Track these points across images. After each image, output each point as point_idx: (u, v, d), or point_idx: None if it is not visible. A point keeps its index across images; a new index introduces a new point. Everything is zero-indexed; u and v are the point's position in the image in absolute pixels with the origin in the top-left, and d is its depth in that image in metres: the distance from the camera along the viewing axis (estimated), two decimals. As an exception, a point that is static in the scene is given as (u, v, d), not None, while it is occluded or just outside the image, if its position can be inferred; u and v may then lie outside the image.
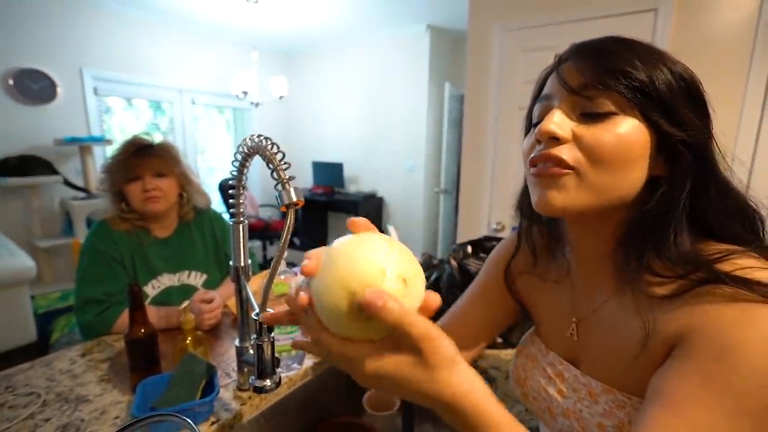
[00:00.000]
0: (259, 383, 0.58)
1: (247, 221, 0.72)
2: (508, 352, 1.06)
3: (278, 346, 0.85)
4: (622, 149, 0.40)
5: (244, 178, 0.70)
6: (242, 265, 0.73)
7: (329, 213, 4.98)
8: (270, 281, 0.55)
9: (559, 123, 0.41)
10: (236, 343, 0.78)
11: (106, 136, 3.13)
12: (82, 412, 0.71)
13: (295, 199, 0.51)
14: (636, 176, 0.41)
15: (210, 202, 1.31)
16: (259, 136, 0.58)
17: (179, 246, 1.20)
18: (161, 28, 3.56)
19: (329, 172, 4.57)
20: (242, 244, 0.73)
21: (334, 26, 3.86)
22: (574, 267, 0.53)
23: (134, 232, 1.12)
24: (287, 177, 0.52)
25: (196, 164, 4.12)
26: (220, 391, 0.78)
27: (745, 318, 0.34)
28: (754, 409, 0.33)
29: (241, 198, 0.71)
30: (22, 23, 2.72)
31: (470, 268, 0.91)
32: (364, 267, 0.31)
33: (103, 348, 0.94)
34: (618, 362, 0.44)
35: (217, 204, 3.85)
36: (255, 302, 0.68)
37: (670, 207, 0.40)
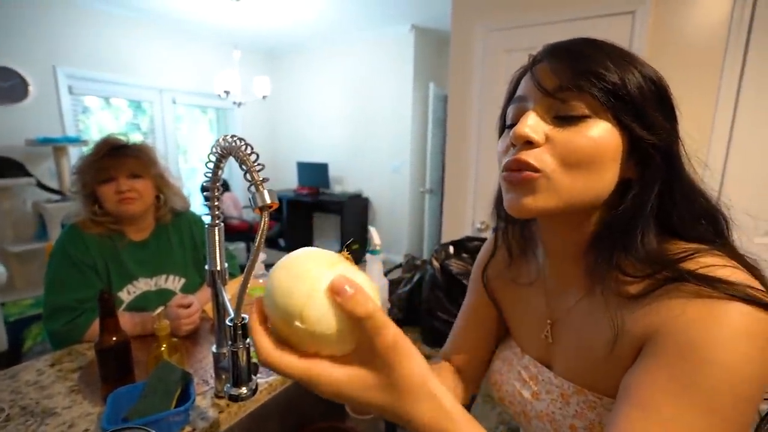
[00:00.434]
0: (234, 391, 0.56)
1: (223, 224, 0.70)
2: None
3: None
4: (595, 153, 0.40)
5: (221, 179, 0.68)
6: (218, 269, 0.71)
7: (314, 214, 4.95)
8: (244, 286, 0.53)
9: (533, 126, 0.41)
10: (213, 349, 0.76)
11: (82, 137, 3.03)
12: (48, 426, 0.68)
13: (269, 201, 0.50)
14: (608, 179, 0.41)
15: (189, 205, 1.28)
16: (232, 137, 0.56)
17: (156, 249, 1.16)
18: (139, 25, 3.47)
19: (314, 173, 4.53)
20: (218, 248, 0.70)
21: (318, 26, 3.84)
22: (547, 268, 0.53)
23: (108, 236, 1.08)
24: (261, 178, 0.51)
25: (178, 165, 4.04)
26: (197, 399, 0.76)
27: (708, 315, 0.34)
28: (722, 406, 0.33)
29: (217, 200, 0.68)
30: (-10, 19, 2.62)
31: (452, 268, 0.90)
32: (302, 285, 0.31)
33: (74, 357, 0.90)
34: (589, 363, 0.44)
35: (199, 206, 3.77)
36: (230, 307, 0.66)
37: (640, 209, 0.41)
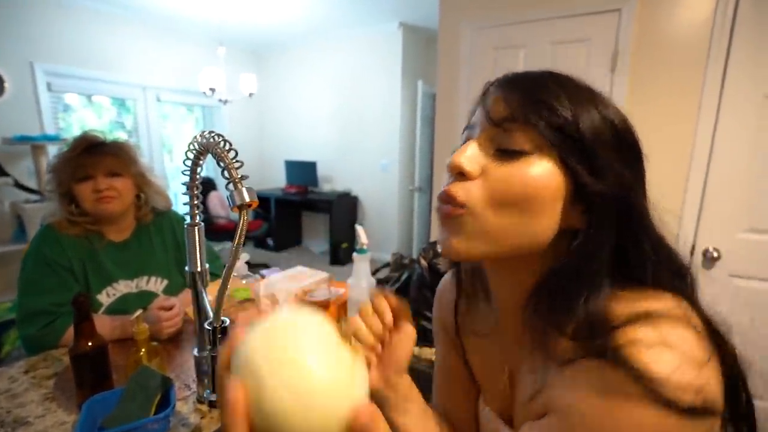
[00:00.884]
0: (214, 397, 0.54)
1: (203, 223, 0.68)
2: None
3: (242, 354, 0.81)
4: (529, 193, 0.36)
5: (200, 177, 0.66)
6: (198, 270, 0.68)
7: (303, 213, 4.91)
8: (223, 288, 0.51)
9: (469, 157, 0.38)
10: (195, 352, 0.74)
11: (62, 135, 2.95)
12: (20, 435, 0.65)
13: (247, 199, 0.48)
14: (543, 225, 0.37)
15: (171, 204, 1.25)
16: (210, 133, 0.54)
17: (137, 250, 1.13)
18: (121, 21, 3.39)
19: (303, 172, 4.49)
20: (198, 248, 0.68)
21: (305, 23, 3.79)
22: (500, 316, 0.49)
23: (85, 237, 1.04)
24: (239, 176, 0.49)
25: (163, 164, 3.96)
26: (179, 405, 0.74)
27: (607, 415, 0.31)
28: None
29: (196, 198, 0.66)
30: (-37, 13, 2.53)
31: (440, 267, 0.89)
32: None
33: (49, 363, 0.86)
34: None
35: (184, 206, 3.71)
36: (210, 310, 0.64)
37: (585, 263, 0.36)
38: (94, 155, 1.02)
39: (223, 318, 0.57)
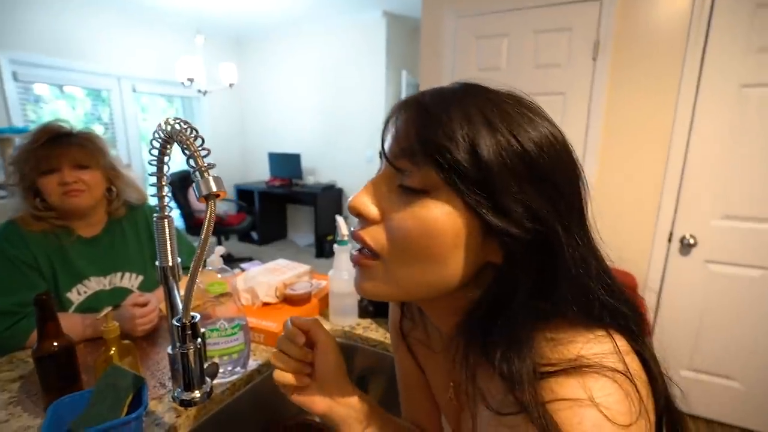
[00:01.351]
0: (186, 396, 0.52)
1: (172, 216, 0.65)
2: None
3: (219, 349, 0.79)
4: (426, 240, 0.33)
5: (167, 168, 0.62)
6: (170, 264, 0.65)
7: (288, 205, 4.85)
8: (191, 282, 0.49)
9: (367, 199, 0.36)
10: (169, 350, 0.71)
11: (30, 128, 2.82)
12: (-19, 442, 0.62)
13: (214, 188, 0.45)
14: (451, 268, 0.34)
15: (146, 198, 1.20)
16: (175, 119, 0.51)
17: (109, 246, 1.08)
18: (92, 6, 3.25)
19: (286, 164, 4.43)
20: (169, 242, 0.65)
21: (287, 10, 3.70)
22: (442, 336, 0.47)
23: (52, 232, 0.99)
24: (206, 164, 0.46)
25: (141, 157, 3.85)
26: (153, 404, 0.71)
27: None
28: None
29: (165, 189, 0.63)
30: None
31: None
32: None
33: (14, 365, 0.82)
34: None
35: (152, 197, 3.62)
36: (180, 305, 0.62)
37: (503, 299, 0.33)
38: (59, 146, 0.97)
39: (194, 314, 0.54)
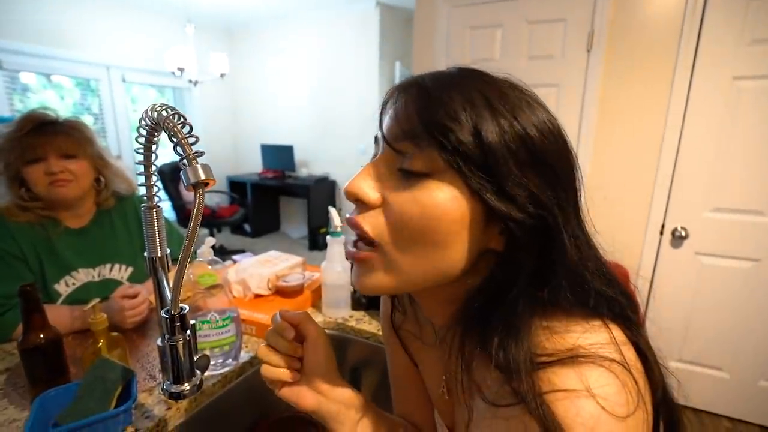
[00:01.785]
0: (174, 389, 0.51)
1: (160, 206, 0.63)
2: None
3: (211, 342, 0.78)
4: (429, 225, 0.32)
5: (155, 156, 0.61)
6: (158, 255, 0.64)
7: (280, 197, 4.82)
8: (179, 273, 0.48)
9: (366, 182, 0.35)
10: (158, 342, 0.70)
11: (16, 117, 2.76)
12: (-35, 435, 0.60)
13: (203, 177, 0.44)
14: (453, 256, 0.33)
15: (135, 188, 1.18)
16: (161, 106, 0.49)
17: (98, 237, 1.06)
18: (78, -6, 3.17)
19: (279, 155, 4.39)
20: (157, 232, 0.64)
21: (279, 0, 3.64)
22: (436, 330, 0.47)
23: (39, 223, 0.97)
24: (194, 152, 0.45)
25: (132, 148, 3.79)
26: (143, 396, 0.71)
27: None
28: None
29: (153, 178, 0.62)
30: None
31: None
32: None
33: (1, 358, 0.81)
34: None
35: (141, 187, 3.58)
36: (168, 296, 0.61)
37: (503, 286, 0.33)
38: (45, 135, 0.95)
39: (182, 305, 0.53)
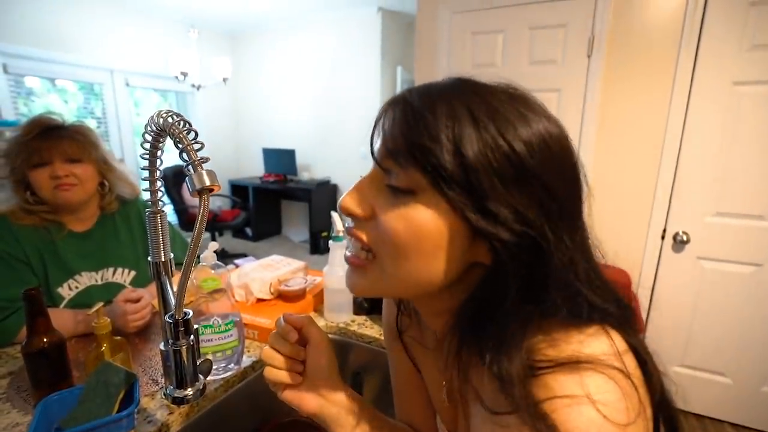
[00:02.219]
0: (178, 393, 0.51)
1: (165, 210, 0.64)
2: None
3: (213, 346, 0.78)
4: (413, 240, 0.33)
5: (160, 162, 0.61)
6: (162, 260, 0.65)
7: (282, 201, 4.83)
8: (184, 278, 0.48)
9: (353, 201, 0.38)
10: (161, 346, 0.70)
11: (21, 121, 2.78)
12: (-32, 439, 0.61)
13: (208, 182, 0.44)
14: (438, 267, 0.34)
15: (138, 192, 1.19)
16: (167, 112, 0.50)
17: (101, 240, 1.07)
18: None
19: (281, 160, 4.40)
20: (161, 237, 0.64)
21: (281, 5, 3.67)
22: (435, 336, 0.47)
23: (43, 227, 0.98)
24: (199, 158, 0.46)
25: (135, 152, 3.80)
26: (145, 401, 0.71)
27: None
28: None
29: (157, 183, 0.62)
30: None
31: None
32: None
33: (4, 362, 0.81)
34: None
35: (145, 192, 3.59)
36: (172, 301, 0.61)
37: (492, 298, 0.33)
38: (50, 139, 0.95)
39: (186, 310, 0.54)
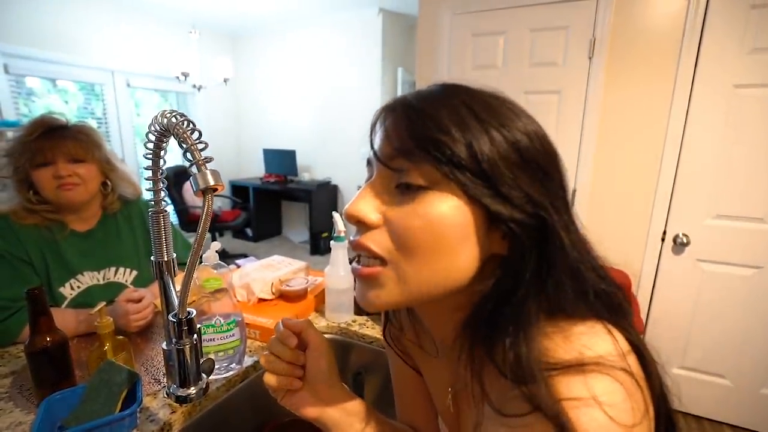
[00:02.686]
0: (181, 392, 0.52)
1: (167, 210, 0.64)
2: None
3: (215, 346, 0.79)
4: (434, 235, 0.33)
5: (163, 162, 0.62)
6: (165, 259, 0.65)
7: (283, 202, 4.84)
8: (188, 277, 0.48)
9: (365, 205, 0.36)
10: (163, 346, 0.71)
11: (23, 122, 2.78)
12: (-29, 438, 0.61)
13: (212, 182, 0.45)
14: (462, 262, 0.34)
15: (140, 192, 1.19)
16: (171, 112, 0.50)
17: (103, 240, 1.07)
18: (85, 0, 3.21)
19: (281, 160, 4.41)
20: (164, 237, 0.65)
21: (283, 5, 3.68)
22: (439, 343, 0.47)
23: (45, 226, 0.98)
24: (203, 158, 0.46)
25: (136, 152, 3.81)
26: (148, 400, 0.71)
27: None
28: None
29: (160, 184, 0.62)
30: None
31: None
32: None
33: (6, 361, 0.81)
34: None
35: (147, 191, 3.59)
36: (175, 301, 0.61)
37: (510, 290, 0.33)
38: (54, 139, 0.96)
39: (189, 309, 0.54)
